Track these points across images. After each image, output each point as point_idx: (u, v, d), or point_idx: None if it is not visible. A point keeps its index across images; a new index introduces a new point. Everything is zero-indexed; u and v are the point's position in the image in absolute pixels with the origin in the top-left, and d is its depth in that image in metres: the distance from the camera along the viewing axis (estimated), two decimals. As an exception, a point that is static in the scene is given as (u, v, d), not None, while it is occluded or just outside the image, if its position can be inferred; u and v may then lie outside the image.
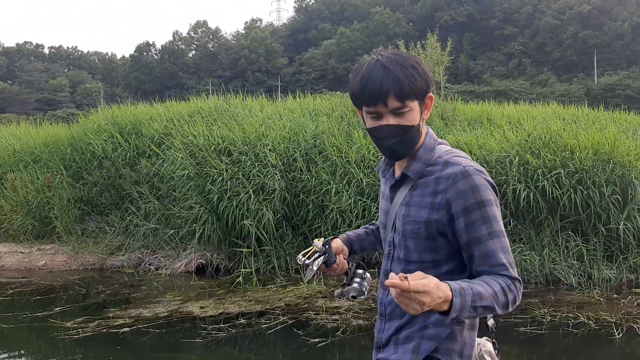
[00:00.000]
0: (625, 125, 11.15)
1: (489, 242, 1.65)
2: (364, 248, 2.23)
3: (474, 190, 1.65)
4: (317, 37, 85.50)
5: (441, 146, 1.82)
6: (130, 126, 10.78)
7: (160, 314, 6.44)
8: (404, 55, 1.71)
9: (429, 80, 1.73)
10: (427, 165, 1.77)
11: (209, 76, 76.17)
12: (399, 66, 1.66)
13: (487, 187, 1.67)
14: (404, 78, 1.65)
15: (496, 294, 1.56)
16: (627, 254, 7.44)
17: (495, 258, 1.64)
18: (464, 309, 1.49)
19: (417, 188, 1.77)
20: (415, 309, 1.45)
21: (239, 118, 10.45)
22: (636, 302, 6.57)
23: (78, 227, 9.76)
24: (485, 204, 1.65)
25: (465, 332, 1.76)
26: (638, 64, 63.72)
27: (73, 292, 7.68)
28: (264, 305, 6.65)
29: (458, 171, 1.67)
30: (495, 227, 1.65)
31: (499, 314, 1.61)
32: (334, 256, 2.05)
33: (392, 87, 1.64)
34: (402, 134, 1.70)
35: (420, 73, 1.68)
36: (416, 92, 1.67)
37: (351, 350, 5.39)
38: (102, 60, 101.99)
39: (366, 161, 8.60)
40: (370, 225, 2.27)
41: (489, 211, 1.65)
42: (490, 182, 1.70)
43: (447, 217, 1.68)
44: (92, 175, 10.23)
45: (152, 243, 9.01)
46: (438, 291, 1.45)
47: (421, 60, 1.74)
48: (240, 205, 8.14)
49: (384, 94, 1.65)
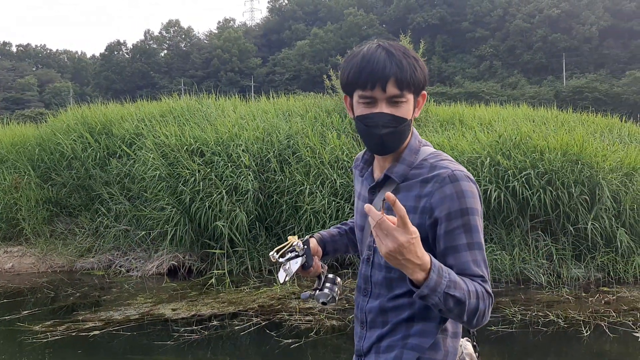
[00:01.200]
0: (593, 127, 11.37)
1: (466, 252, 1.56)
2: (336, 249, 2.12)
3: (459, 196, 1.56)
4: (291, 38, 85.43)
5: (426, 148, 1.74)
6: (100, 126, 10.61)
7: (131, 317, 6.35)
8: (404, 46, 1.64)
9: (427, 77, 1.66)
10: (412, 168, 1.68)
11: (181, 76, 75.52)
12: (402, 53, 1.59)
13: (474, 195, 1.59)
14: (407, 66, 1.58)
15: (470, 293, 1.47)
16: (594, 253, 7.60)
17: (471, 269, 1.55)
18: (436, 290, 1.41)
19: (399, 191, 1.66)
20: (387, 247, 1.37)
21: (212, 118, 10.37)
22: (603, 300, 6.71)
23: (46, 229, 9.58)
24: (468, 212, 1.56)
25: (449, 341, 1.68)
26: (605, 67, 65.13)
27: (41, 295, 7.53)
28: (236, 306, 6.61)
29: (446, 175, 1.59)
30: (475, 238, 1.57)
31: (463, 321, 1.51)
32: (312, 258, 1.91)
33: (394, 72, 1.56)
34: (394, 126, 1.61)
35: (420, 66, 1.62)
36: (415, 83, 1.60)
37: (324, 351, 5.40)
38: (72, 59, 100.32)
39: (340, 162, 8.62)
40: (343, 226, 2.16)
41: (472, 220, 1.56)
42: (477, 191, 1.62)
43: (430, 221, 1.59)
44: (61, 176, 10.05)
45: (123, 245, 8.89)
46: (418, 248, 1.38)
47: None
48: (213, 206, 8.08)
49: (385, 77, 1.56)
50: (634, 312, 6.24)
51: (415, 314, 1.65)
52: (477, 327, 1.55)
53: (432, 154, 1.70)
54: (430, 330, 1.64)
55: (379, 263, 1.71)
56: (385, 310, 1.69)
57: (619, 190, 7.84)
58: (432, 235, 1.60)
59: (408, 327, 1.66)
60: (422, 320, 1.65)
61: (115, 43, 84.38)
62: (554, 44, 67.42)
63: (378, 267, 1.72)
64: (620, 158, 8.39)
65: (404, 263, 1.38)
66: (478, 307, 1.49)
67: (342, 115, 10.32)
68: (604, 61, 66.94)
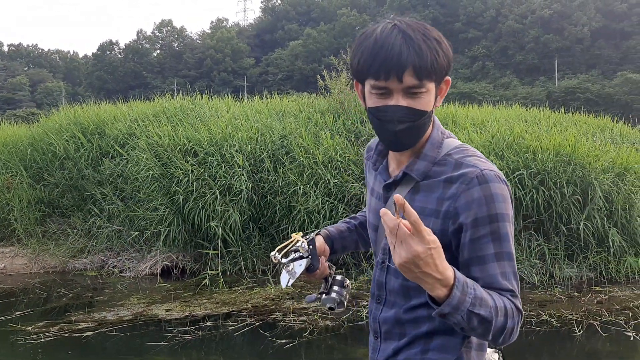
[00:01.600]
0: (585, 128, 11.44)
1: (494, 264, 1.36)
2: (345, 247, 1.91)
3: (488, 201, 1.36)
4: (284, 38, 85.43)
5: (449, 140, 1.53)
6: (93, 126, 10.57)
7: (124, 317, 6.33)
8: (425, 24, 1.42)
9: (451, 61, 1.43)
10: (433, 164, 1.48)
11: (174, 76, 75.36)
12: (422, 36, 1.36)
13: (505, 199, 1.39)
14: (427, 51, 1.35)
15: (497, 310, 1.29)
16: (587, 253, 7.64)
17: (500, 283, 1.36)
18: (459, 308, 1.24)
19: (419, 191, 1.47)
20: (400, 257, 1.20)
21: (205, 118, 10.36)
22: (596, 299, 6.75)
23: (39, 229, 9.53)
24: (498, 219, 1.36)
25: (473, 355, 1.50)
26: (597, 68, 65.49)
27: (34, 295, 7.50)
28: (230, 307, 6.60)
29: (474, 175, 1.39)
30: (505, 247, 1.37)
31: (487, 339, 1.34)
32: (318, 259, 1.73)
33: (412, 60, 1.34)
34: (412, 120, 1.40)
35: (444, 49, 1.39)
36: (437, 71, 1.38)
37: (318, 351, 5.40)
38: (64, 59, 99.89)
39: (333, 162, 8.63)
40: (352, 220, 1.96)
41: (502, 228, 1.37)
42: (509, 194, 1.42)
43: (454, 227, 1.40)
44: (54, 176, 10.00)
45: (116, 245, 8.86)
46: (438, 261, 1.21)
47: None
48: (207, 207, 8.07)
49: (402, 66, 1.34)
50: (626, 312, 6.28)
51: (435, 328, 1.47)
52: (503, 345, 1.39)
53: (456, 149, 1.49)
54: (453, 345, 1.46)
55: (395, 269, 1.48)
56: (401, 322, 1.52)
57: (611, 191, 7.88)
58: (456, 242, 1.41)
59: (427, 341, 1.48)
60: (443, 335, 1.47)
61: (108, 43, 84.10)
62: (546, 45, 67.73)
63: (394, 273, 1.53)
64: (612, 158, 8.44)
65: (421, 277, 1.22)
66: (506, 326, 1.32)
67: (336, 115, 10.33)
68: (595, 62, 67.32)
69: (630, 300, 6.72)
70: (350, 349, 5.47)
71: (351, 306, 6.48)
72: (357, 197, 8.09)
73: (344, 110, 10.54)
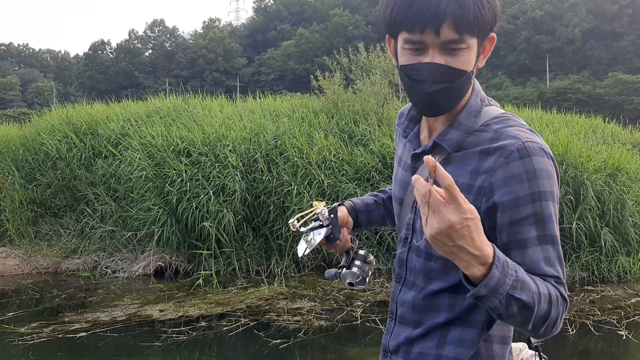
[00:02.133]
0: (577, 128, 11.51)
1: (536, 248, 1.21)
2: (370, 221, 1.76)
3: (530, 177, 1.20)
4: (277, 38, 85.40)
5: (490, 108, 1.36)
6: (85, 126, 10.53)
7: (118, 318, 6.31)
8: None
9: (497, 14, 1.26)
10: (469, 135, 1.32)
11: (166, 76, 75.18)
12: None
13: (550, 175, 1.23)
14: (470, 1, 1.19)
15: (540, 297, 1.15)
16: (579, 253, 7.69)
17: (543, 269, 1.21)
18: (497, 291, 1.10)
19: (451, 162, 1.32)
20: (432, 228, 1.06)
21: (199, 118, 10.34)
22: (588, 299, 6.79)
23: (31, 230, 9.47)
24: (542, 197, 1.21)
25: (496, 349, 1.37)
26: (588, 69, 65.90)
27: (26, 296, 7.46)
28: (224, 307, 6.59)
29: (515, 147, 1.22)
30: (548, 229, 1.22)
31: (526, 329, 1.19)
32: (339, 230, 1.61)
33: (452, 10, 1.18)
34: (450, 80, 1.24)
35: (493, 6, 1.23)
36: (481, 25, 1.22)
37: (312, 351, 5.40)
38: (55, 58, 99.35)
39: (327, 162, 8.63)
40: (380, 194, 1.81)
41: (545, 208, 1.21)
42: (555, 169, 1.25)
43: (487, 206, 1.25)
44: (46, 177, 9.95)
45: (109, 245, 8.83)
46: (476, 234, 1.07)
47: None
48: (200, 207, 8.05)
49: (440, 17, 1.18)
50: (618, 311, 6.32)
51: (454, 318, 1.35)
52: (544, 337, 1.25)
53: (497, 118, 1.33)
54: (471, 338, 1.33)
55: (418, 247, 1.39)
56: (418, 307, 1.41)
57: (602, 191, 7.93)
58: (490, 223, 1.25)
59: (444, 332, 1.36)
60: (461, 326, 1.34)
61: (100, 42, 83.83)
62: (538, 46, 68.07)
63: (416, 251, 1.40)
64: (604, 159, 8.50)
65: (455, 252, 1.08)
66: (549, 315, 1.17)
67: (330, 115, 10.34)
68: (586, 62, 67.73)
69: (622, 299, 6.77)
70: (345, 348, 5.47)
71: (345, 306, 6.50)
72: (350, 197, 8.09)
73: (338, 110, 10.55)
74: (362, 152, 8.91)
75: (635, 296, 6.91)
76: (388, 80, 10.83)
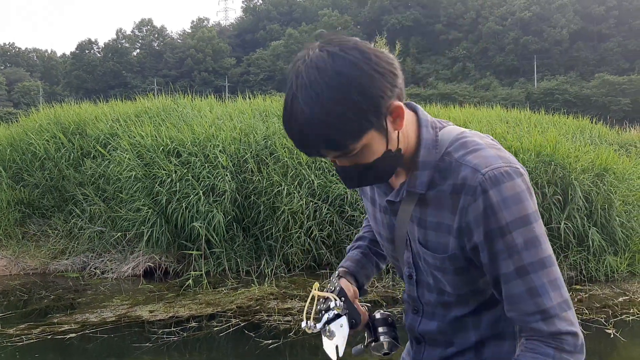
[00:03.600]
0: (565, 129, 11.60)
1: (517, 281, 1.18)
2: (368, 276, 1.70)
3: (496, 211, 1.17)
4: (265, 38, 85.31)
5: (446, 132, 1.31)
6: (74, 126, 10.46)
7: (107, 319, 6.28)
8: (333, 68, 1.13)
9: (384, 91, 1.15)
10: (435, 170, 1.28)
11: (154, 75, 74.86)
12: (320, 106, 1.11)
13: (518, 199, 1.18)
14: (328, 127, 1.13)
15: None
16: (567, 252, 7.74)
17: (526, 303, 1.18)
18: None
19: (428, 204, 1.29)
20: None
21: (188, 118, 10.30)
22: (576, 298, 6.85)
23: (19, 231, 9.40)
24: (511, 228, 1.17)
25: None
26: (575, 70, 66.44)
27: (14, 297, 7.39)
28: (214, 308, 6.58)
29: (477, 182, 1.19)
30: (526, 258, 1.17)
31: None
32: (355, 310, 1.48)
33: (318, 142, 1.16)
34: (370, 167, 1.23)
35: (356, 103, 1.12)
36: (357, 133, 1.15)
37: (303, 351, 5.41)
38: (41, 58, 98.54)
39: (317, 162, 8.63)
40: (362, 242, 1.74)
41: (517, 237, 1.17)
42: (523, 187, 1.20)
43: (470, 246, 1.25)
44: (34, 177, 9.87)
45: (98, 246, 8.77)
46: None
47: (372, 55, 1.17)
48: (190, 207, 8.03)
49: (312, 149, 1.19)
50: (606, 310, 6.38)
51: (483, 336, 1.36)
52: None
53: (456, 141, 1.28)
54: (507, 351, 1.35)
55: (427, 283, 1.38)
56: (445, 332, 1.40)
57: (590, 191, 8.00)
58: (479, 261, 1.26)
59: (478, 352, 1.37)
60: (494, 341, 1.36)
61: (87, 42, 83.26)
62: (526, 47, 68.55)
63: (427, 287, 1.40)
64: (591, 159, 8.57)
65: None
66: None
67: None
68: (573, 63, 68.30)
69: (609, 298, 6.84)
70: (336, 348, 5.47)
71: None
72: (341, 198, 8.11)
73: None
74: (352, 153, 8.91)
75: (623, 295, 6.97)
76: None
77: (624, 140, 12.82)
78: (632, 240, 8.07)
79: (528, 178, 1.24)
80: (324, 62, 1.14)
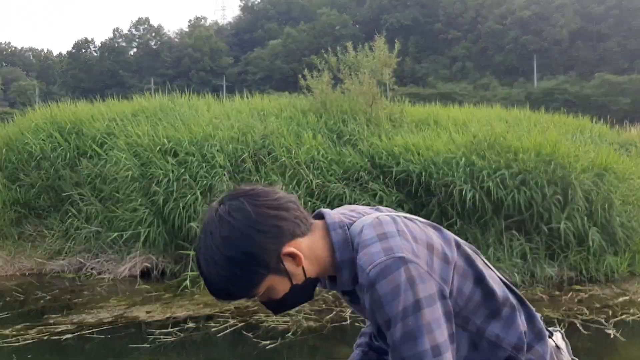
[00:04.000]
0: (565, 128, 11.56)
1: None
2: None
3: (378, 308, 1.26)
4: (263, 37, 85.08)
5: (355, 227, 1.38)
6: (70, 125, 10.39)
7: (104, 320, 6.23)
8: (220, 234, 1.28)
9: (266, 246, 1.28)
10: (353, 264, 1.35)
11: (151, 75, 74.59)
12: (214, 267, 1.29)
13: (396, 292, 1.24)
14: (226, 283, 1.30)
15: None
16: (567, 252, 7.70)
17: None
18: None
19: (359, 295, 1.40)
20: None
21: (185, 118, 10.24)
22: (576, 298, 6.82)
23: (14, 231, 9.34)
24: (390, 324, 1.26)
25: (537, 349, 1.55)
26: (575, 69, 66.42)
27: (10, 298, 7.34)
28: (212, 308, 6.53)
29: (365, 283, 1.28)
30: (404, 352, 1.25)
31: None
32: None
33: (222, 295, 1.36)
34: (282, 302, 1.36)
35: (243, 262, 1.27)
36: (253, 284, 1.31)
37: (301, 352, 5.37)
38: (37, 57, 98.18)
39: (316, 162, 8.59)
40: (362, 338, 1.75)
41: (396, 332, 1.25)
42: (401, 280, 1.24)
43: None
44: (30, 177, 9.80)
45: (94, 246, 8.72)
46: None
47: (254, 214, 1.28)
48: (187, 207, 7.97)
49: (220, 299, 1.40)
50: (606, 310, 6.35)
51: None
52: None
53: (358, 236, 1.35)
54: None
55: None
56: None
57: (590, 190, 7.95)
58: None
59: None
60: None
61: (83, 41, 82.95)
62: (525, 46, 68.49)
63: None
64: (591, 158, 8.53)
65: None
66: None
67: (318, 115, 10.29)
68: (573, 63, 68.25)
69: (609, 298, 6.80)
70: (334, 349, 5.44)
71: (334, 306, 6.46)
72: (339, 198, 8.05)
73: (326, 109, 10.50)
74: (350, 152, 8.88)
75: (623, 295, 6.94)
76: (376, 80, 10.80)
77: (624, 139, 12.78)
78: (633, 240, 8.03)
79: (417, 261, 1.27)
80: (215, 226, 1.29)
